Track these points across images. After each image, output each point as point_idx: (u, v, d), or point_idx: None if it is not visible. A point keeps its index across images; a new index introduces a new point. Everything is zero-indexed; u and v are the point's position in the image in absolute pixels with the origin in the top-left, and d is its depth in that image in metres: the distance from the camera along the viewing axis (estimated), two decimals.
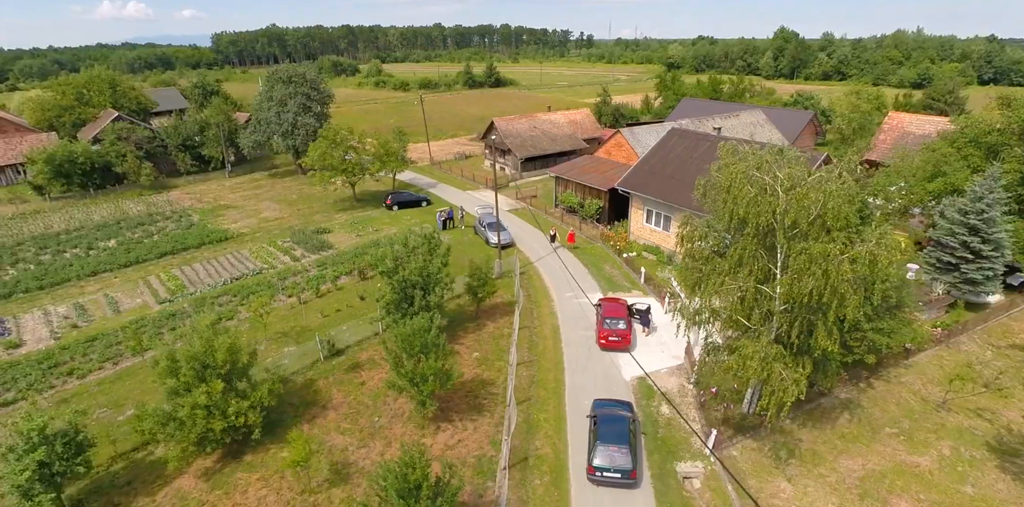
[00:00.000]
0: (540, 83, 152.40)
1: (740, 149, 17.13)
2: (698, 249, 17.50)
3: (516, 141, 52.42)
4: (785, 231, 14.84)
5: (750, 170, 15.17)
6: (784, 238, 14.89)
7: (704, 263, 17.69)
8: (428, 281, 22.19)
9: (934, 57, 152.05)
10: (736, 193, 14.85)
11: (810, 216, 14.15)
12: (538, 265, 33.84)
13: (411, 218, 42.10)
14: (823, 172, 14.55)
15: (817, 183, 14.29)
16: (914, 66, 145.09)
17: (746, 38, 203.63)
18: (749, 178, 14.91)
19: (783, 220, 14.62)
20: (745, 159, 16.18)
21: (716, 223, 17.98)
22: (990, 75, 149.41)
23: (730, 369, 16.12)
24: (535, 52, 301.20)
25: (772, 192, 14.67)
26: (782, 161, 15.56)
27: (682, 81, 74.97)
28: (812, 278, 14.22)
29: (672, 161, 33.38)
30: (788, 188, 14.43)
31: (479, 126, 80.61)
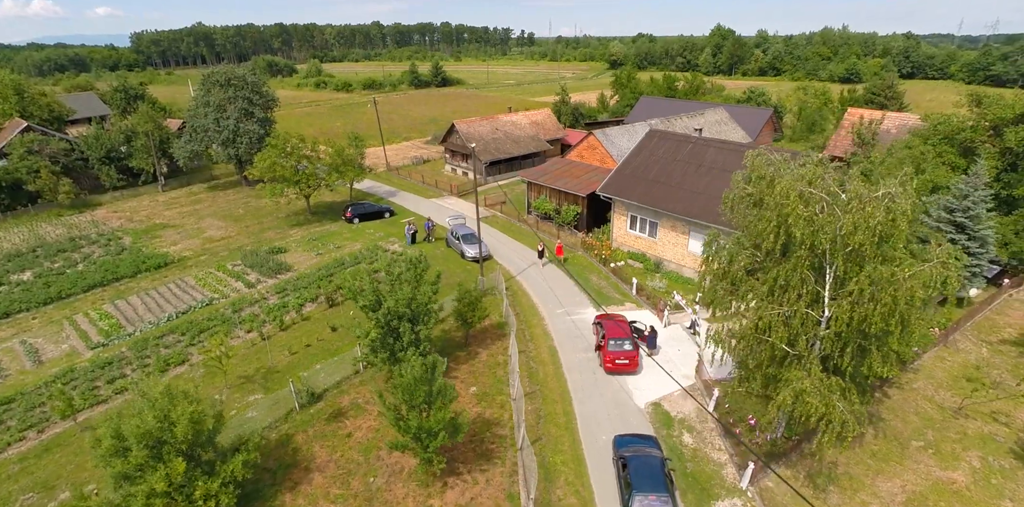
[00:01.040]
0: (488, 82, 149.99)
1: (773, 159, 15.54)
2: (733, 270, 15.83)
3: (479, 144, 49.94)
4: (844, 253, 13.31)
5: (799, 184, 13.53)
6: (841, 260, 13.36)
7: (737, 285, 16.07)
8: (417, 312, 19.57)
9: (859, 53, 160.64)
10: (790, 211, 13.18)
11: (875, 236, 12.67)
12: (521, 279, 31.68)
13: (375, 231, 38.94)
14: (888, 188, 13.08)
15: (883, 200, 12.83)
16: (842, 61, 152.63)
17: (685, 35, 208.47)
18: (803, 195, 13.29)
19: (844, 241, 13.09)
20: (783, 171, 14.56)
21: (745, 240, 16.40)
22: (908, 70, 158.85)
23: (782, 406, 14.49)
24: (477, 51, 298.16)
25: (830, 210, 13.13)
26: (828, 173, 14.04)
27: (637, 79, 74.56)
28: (878, 303, 12.78)
29: (654, 164, 31.99)
30: (848, 205, 12.91)
31: (432, 128, 77.57)
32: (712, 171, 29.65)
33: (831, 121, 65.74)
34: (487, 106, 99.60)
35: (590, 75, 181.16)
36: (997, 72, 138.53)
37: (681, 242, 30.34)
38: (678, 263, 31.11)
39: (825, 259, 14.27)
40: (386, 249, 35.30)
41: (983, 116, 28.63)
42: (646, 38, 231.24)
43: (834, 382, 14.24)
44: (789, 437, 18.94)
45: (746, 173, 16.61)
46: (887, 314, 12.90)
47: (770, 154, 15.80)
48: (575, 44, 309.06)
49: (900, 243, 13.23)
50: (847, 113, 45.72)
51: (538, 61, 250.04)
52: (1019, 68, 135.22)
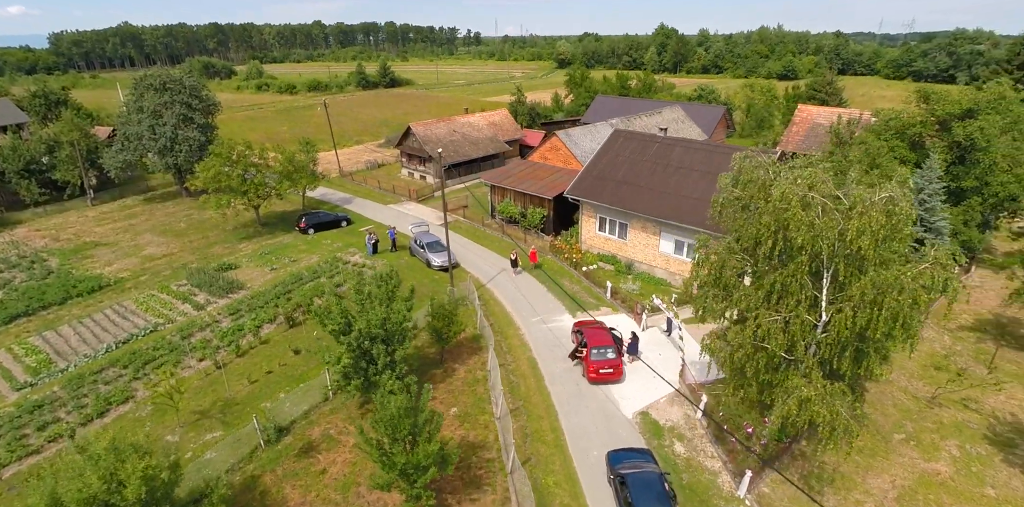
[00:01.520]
0: (438, 82, 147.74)
1: (762, 161, 15.10)
2: (725, 275, 15.31)
3: (437, 147, 48.40)
4: (844, 257, 12.94)
5: (799, 189, 13.06)
6: (843, 265, 12.99)
7: (729, 291, 15.57)
8: (391, 333, 18.19)
9: (794, 51, 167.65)
10: (791, 216, 12.68)
11: (878, 240, 12.34)
12: (491, 287, 30.60)
13: (332, 242, 36.90)
14: (890, 191, 12.77)
15: (884, 203, 12.50)
16: (779, 59, 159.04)
17: (630, 35, 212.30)
18: (803, 199, 12.82)
19: (845, 246, 12.71)
20: (779, 175, 14.10)
21: (736, 245, 15.93)
22: (839, 66, 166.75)
23: (787, 416, 14.05)
24: (424, 50, 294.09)
25: (831, 214, 12.71)
26: (828, 177, 13.66)
27: (591, 78, 74.67)
28: (883, 308, 12.49)
29: (621, 165, 31.56)
30: (853, 210, 12.52)
31: (384, 130, 75.27)
32: (680, 171, 29.47)
33: (777, 117, 67.91)
34: (439, 107, 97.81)
35: (540, 74, 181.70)
36: (918, 68, 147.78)
37: (652, 243, 30.04)
38: (649, 264, 30.81)
39: (822, 263, 13.92)
40: (346, 261, 33.44)
41: (932, 112, 29.63)
42: (592, 37, 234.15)
43: (836, 388, 13.92)
44: (780, 440, 18.73)
45: (733, 175, 16.17)
46: (891, 318, 12.64)
47: (758, 156, 15.36)
48: (522, 43, 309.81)
49: (903, 246, 13.00)
50: (797, 109, 46.95)
51: (486, 60, 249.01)
52: (938, 64, 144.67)
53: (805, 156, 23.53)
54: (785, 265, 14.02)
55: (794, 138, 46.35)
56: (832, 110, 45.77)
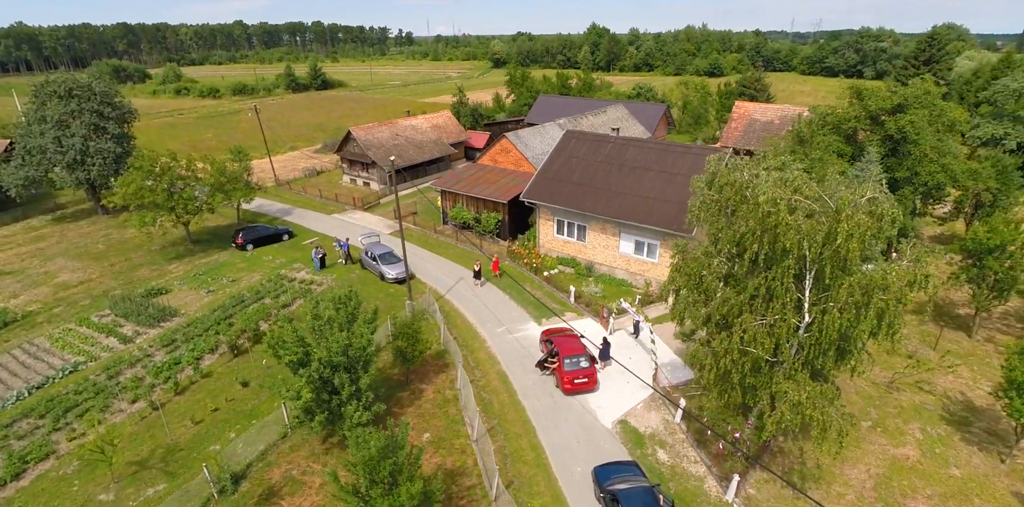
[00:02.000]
0: (372, 83, 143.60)
1: (738, 163, 14.82)
2: (707, 280, 14.93)
3: (380, 152, 46.52)
4: (832, 259, 12.78)
5: (783, 192, 12.78)
6: (829, 267, 12.82)
7: (710, 295, 15.22)
8: (355, 359, 16.72)
9: (719, 49, 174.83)
10: (780, 221, 12.36)
11: (864, 242, 12.23)
12: (451, 298, 29.37)
13: (274, 258, 34.40)
14: (876, 193, 12.68)
15: (868, 205, 12.39)
16: (705, 57, 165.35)
17: (563, 34, 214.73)
18: (790, 204, 12.53)
19: (831, 248, 12.54)
20: (759, 178, 13.80)
21: (713, 248, 15.60)
22: (760, 63, 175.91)
23: (781, 421, 13.83)
24: (354, 51, 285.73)
25: (818, 217, 12.50)
26: (810, 179, 13.47)
27: (532, 78, 74.38)
28: (871, 309, 12.45)
29: (576, 167, 31.11)
30: (838, 212, 12.33)
31: (320, 135, 71.99)
32: (635, 170, 29.33)
33: (712, 113, 70.08)
34: (376, 110, 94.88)
35: (476, 74, 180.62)
36: (830, 64, 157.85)
37: (612, 244, 29.77)
38: (610, 265, 30.55)
39: (805, 265, 13.77)
40: (292, 278, 31.18)
41: (865, 108, 30.97)
42: (525, 37, 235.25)
43: (826, 389, 13.86)
44: (759, 439, 18.71)
45: (706, 177, 15.86)
46: (877, 317, 12.63)
47: (733, 158, 15.07)
48: (455, 43, 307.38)
49: (882, 244, 13.00)
50: (735, 106, 48.39)
51: (420, 61, 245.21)
52: (847, 60, 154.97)
53: (765, 154, 23.94)
54: (769, 269, 13.76)
55: (734, 134, 47.78)
56: (767, 106, 47.49)
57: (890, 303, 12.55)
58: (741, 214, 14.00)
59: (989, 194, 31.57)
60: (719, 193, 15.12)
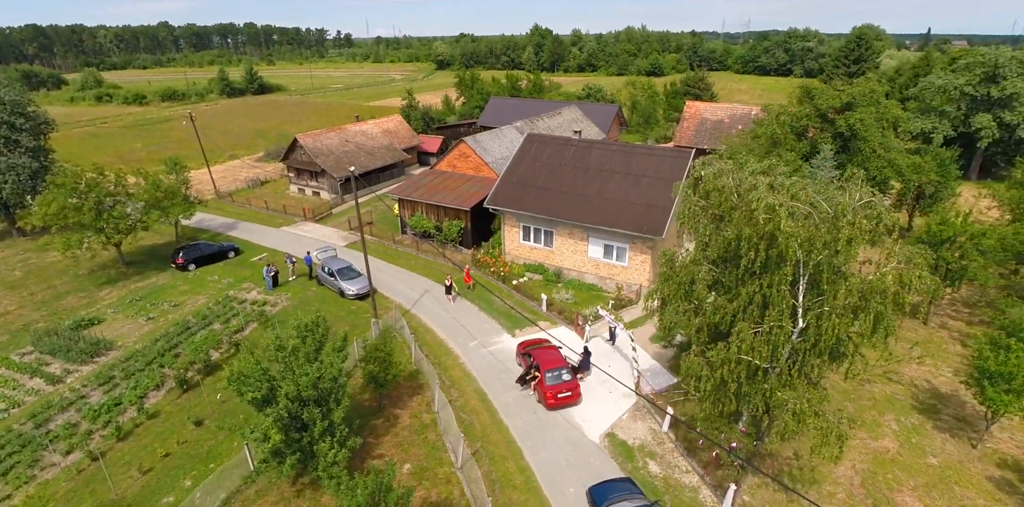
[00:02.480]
0: (312, 87, 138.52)
1: (724, 168, 14.38)
2: (697, 289, 14.43)
3: (329, 160, 44.34)
4: (829, 265, 12.48)
5: (781, 198, 12.36)
6: (827, 272, 12.52)
7: (700, 304, 14.74)
8: (327, 392, 15.25)
9: (658, 49, 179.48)
10: (782, 228, 11.92)
11: (862, 246, 11.98)
12: (417, 312, 28.00)
13: (221, 278, 31.89)
14: (872, 197, 12.42)
15: (865, 208, 12.14)
16: (646, 57, 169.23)
17: (506, 35, 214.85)
18: (790, 210, 12.11)
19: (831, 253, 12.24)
20: (751, 183, 13.37)
21: (701, 256, 15.12)
22: (697, 63, 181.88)
23: (784, 431, 13.50)
24: (291, 53, 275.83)
25: (817, 223, 12.15)
26: (808, 183, 13.15)
27: (482, 80, 73.35)
28: (870, 313, 12.26)
29: (540, 171, 30.37)
30: (837, 218, 12.02)
31: (262, 143, 68.45)
32: (601, 173, 28.88)
33: (659, 112, 71.30)
34: (319, 114, 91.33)
35: (420, 76, 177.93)
36: (762, 63, 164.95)
37: (580, 249, 29.21)
38: (579, 270, 29.99)
39: (799, 271, 13.47)
40: (242, 299, 28.91)
41: (816, 106, 31.80)
42: (468, 38, 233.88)
43: (823, 394, 13.64)
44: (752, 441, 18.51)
45: (689, 183, 15.39)
46: (876, 321, 12.46)
47: (720, 163, 14.65)
48: (396, 45, 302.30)
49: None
50: (686, 106, 49.10)
51: (361, 63, 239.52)
52: (778, 59, 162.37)
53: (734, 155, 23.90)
54: (763, 276, 13.37)
55: (686, 133, 48.46)
56: (717, 105, 48.44)
57: (888, 306, 12.39)
58: (734, 221, 13.55)
59: (931, 186, 33.10)
60: (706, 199, 14.66)
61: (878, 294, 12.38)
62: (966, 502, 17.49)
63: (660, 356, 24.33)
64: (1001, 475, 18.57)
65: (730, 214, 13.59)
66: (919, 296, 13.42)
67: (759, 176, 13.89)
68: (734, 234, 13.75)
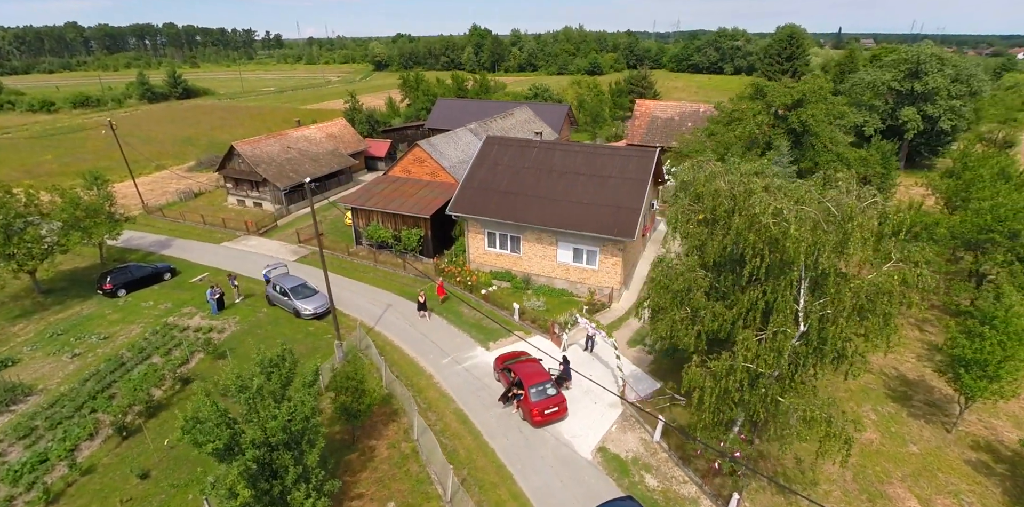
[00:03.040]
0: (243, 90, 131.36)
1: (715, 171, 13.75)
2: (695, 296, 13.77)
3: (271, 168, 41.47)
4: (835, 269, 12.05)
5: (786, 202, 11.80)
6: (833, 275, 12.08)
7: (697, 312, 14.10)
8: (300, 434, 13.53)
9: (596, 49, 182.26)
10: (784, 233, 11.35)
11: (869, 248, 11.59)
12: (382, 329, 26.27)
13: (157, 303, 28.85)
14: (876, 197, 12.03)
15: (872, 208, 11.74)
16: (585, 56, 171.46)
17: (445, 35, 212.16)
18: (799, 214, 11.54)
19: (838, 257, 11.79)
20: (749, 187, 12.77)
21: (695, 262, 14.47)
22: (633, 62, 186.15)
23: (795, 438, 13.07)
24: (217, 55, 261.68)
25: (824, 227, 11.65)
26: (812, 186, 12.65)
27: (427, 81, 71.33)
28: (878, 316, 11.95)
29: (503, 174, 29.25)
30: (846, 221, 11.55)
31: (192, 151, 63.83)
32: (565, 176, 28.09)
33: (606, 111, 71.77)
34: (253, 119, 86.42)
35: (357, 77, 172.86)
36: (695, 61, 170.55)
37: (549, 254, 28.32)
38: (548, 276, 29.11)
39: (801, 274, 13.03)
40: (184, 327, 26.17)
41: (768, 103, 32.35)
42: (406, 38, 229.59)
43: (830, 399, 13.31)
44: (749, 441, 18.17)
45: (678, 185, 14.71)
46: (884, 322, 12.17)
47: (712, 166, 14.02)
48: (330, 45, 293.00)
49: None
50: (637, 104, 49.32)
51: (294, 65, 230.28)
52: (709, 58, 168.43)
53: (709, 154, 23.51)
54: (765, 281, 12.83)
55: (638, 132, 48.67)
56: (667, 104, 48.93)
57: (895, 306, 12.13)
58: (733, 226, 12.94)
59: (877, 178, 34.42)
60: (697, 202, 14.01)
61: (885, 295, 12.08)
62: (951, 488, 17.81)
63: (640, 361, 23.80)
64: (977, 457, 19.10)
65: (726, 219, 12.98)
66: (921, 294, 13.18)
67: (753, 178, 13.34)
68: (732, 239, 13.14)
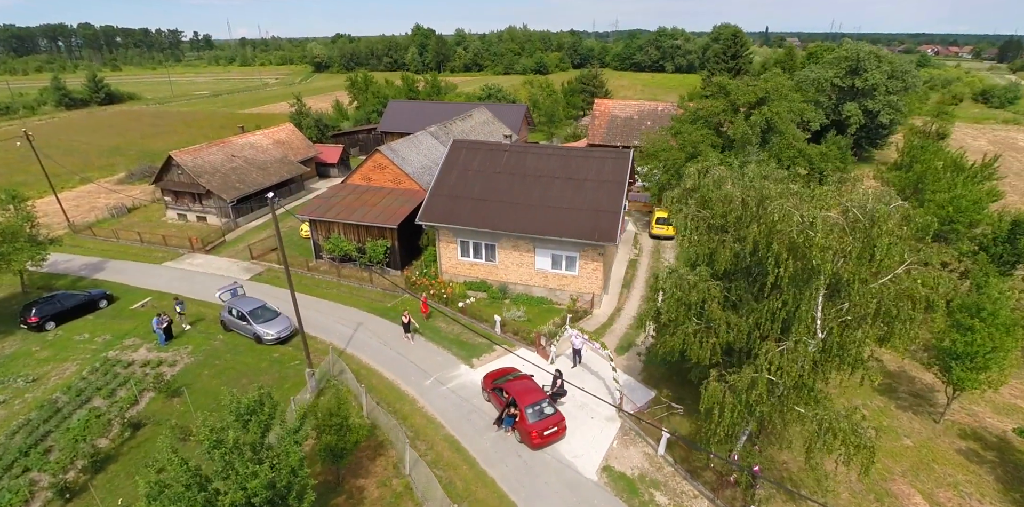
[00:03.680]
0: (173, 95, 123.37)
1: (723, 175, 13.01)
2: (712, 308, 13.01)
3: (215, 179, 38.37)
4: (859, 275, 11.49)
5: (810, 209, 11.12)
6: (858, 282, 11.53)
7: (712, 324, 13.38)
8: (287, 488, 11.81)
9: (541, 48, 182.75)
10: (809, 242, 10.70)
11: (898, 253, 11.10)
12: (355, 351, 24.44)
13: (92, 336, 25.74)
14: (896, 201, 11.52)
15: (898, 212, 11.22)
16: (530, 56, 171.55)
17: (387, 35, 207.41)
18: (827, 222, 10.92)
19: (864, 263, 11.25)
20: (767, 193, 12.05)
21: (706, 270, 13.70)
22: (578, 61, 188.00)
23: (825, 448, 12.51)
24: (141, 57, 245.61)
25: (851, 233, 11.09)
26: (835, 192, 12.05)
27: (377, 83, 68.63)
28: (903, 321, 11.49)
29: (474, 180, 27.88)
30: (873, 226, 10.97)
31: (121, 161, 58.94)
32: (541, 180, 27.03)
33: (560, 111, 71.46)
34: (188, 126, 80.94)
35: (297, 79, 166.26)
36: (637, 60, 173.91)
37: (527, 261, 27.22)
38: (526, 284, 28.01)
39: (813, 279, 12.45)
40: (128, 361, 23.38)
41: (732, 101, 32.43)
42: (346, 38, 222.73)
43: (853, 409, 12.88)
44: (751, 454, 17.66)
45: (682, 190, 13.92)
46: (906, 331, 11.75)
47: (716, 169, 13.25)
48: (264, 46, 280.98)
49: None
50: (595, 104, 48.95)
51: (227, 67, 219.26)
52: (651, 57, 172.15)
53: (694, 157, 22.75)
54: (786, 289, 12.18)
55: (598, 131, 48.30)
56: (625, 103, 48.81)
57: (920, 310, 11.74)
58: (751, 233, 12.21)
59: (836, 172, 35.23)
60: (705, 208, 13.24)
61: (909, 299, 11.66)
62: (949, 479, 17.95)
63: (631, 369, 23.07)
64: (967, 446, 19.42)
65: (739, 225, 12.28)
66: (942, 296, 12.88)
67: (765, 182, 12.67)
68: (749, 247, 12.42)
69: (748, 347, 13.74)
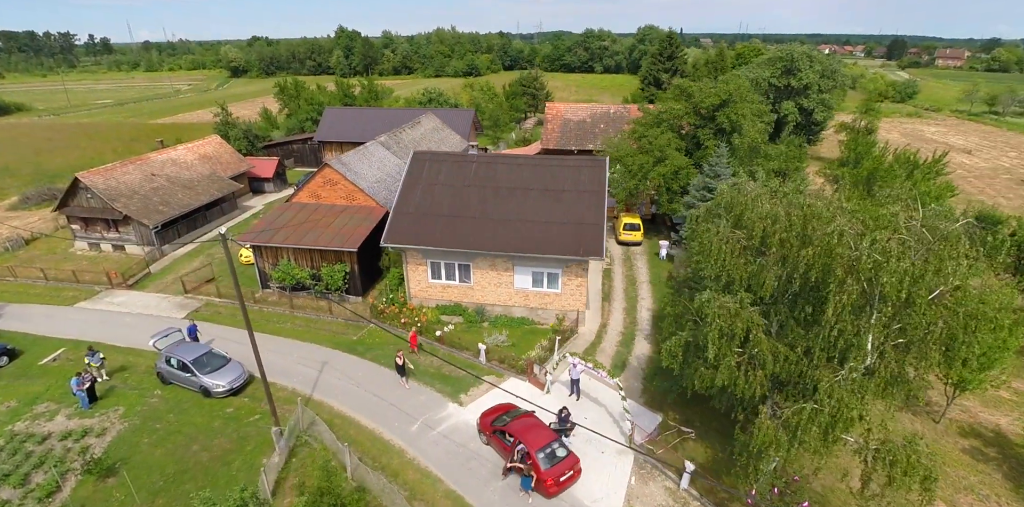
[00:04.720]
0: (70, 104, 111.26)
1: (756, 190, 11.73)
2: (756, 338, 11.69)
3: (133, 202, 33.68)
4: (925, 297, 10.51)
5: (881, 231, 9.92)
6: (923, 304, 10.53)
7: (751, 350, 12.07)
8: None
9: (471, 50, 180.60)
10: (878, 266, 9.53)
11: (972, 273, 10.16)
12: (323, 396, 21.50)
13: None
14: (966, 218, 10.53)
15: (965, 230, 10.24)
16: (461, 58, 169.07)
17: (308, 38, 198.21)
18: (898, 244, 9.74)
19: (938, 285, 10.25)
20: (793, 207, 10.78)
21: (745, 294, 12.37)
22: (508, 62, 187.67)
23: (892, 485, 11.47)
24: (28, 63, 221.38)
25: (921, 256, 10.00)
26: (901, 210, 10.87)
27: (309, 88, 64.04)
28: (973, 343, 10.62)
29: (441, 195, 25.54)
30: (938, 242, 9.95)
31: (10, 183, 51.72)
32: (515, 192, 25.11)
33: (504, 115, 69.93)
34: (91, 140, 72.48)
35: (212, 86, 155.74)
36: (567, 61, 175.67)
37: (505, 281, 25.23)
38: (505, 304, 26.01)
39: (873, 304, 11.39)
40: (44, 435, 19.27)
41: (695, 105, 31.91)
42: (263, 41, 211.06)
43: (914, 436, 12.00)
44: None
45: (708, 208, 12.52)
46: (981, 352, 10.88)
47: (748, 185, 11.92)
48: (171, 50, 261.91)
49: None
50: (547, 107, 47.62)
51: (131, 73, 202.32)
52: (580, 58, 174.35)
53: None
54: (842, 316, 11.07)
55: (552, 135, 47.02)
56: (577, 106, 47.81)
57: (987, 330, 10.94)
58: (803, 257, 10.92)
59: (794, 172, 35.72)
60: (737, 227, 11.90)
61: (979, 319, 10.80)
62: (963, 482, 17.70)
63: (630, 391, 21.57)
64: (970, 445, 19.38)
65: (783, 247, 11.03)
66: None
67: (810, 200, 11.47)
68: (801, 270, 11.17)
69: (798, 378, 12.51)
